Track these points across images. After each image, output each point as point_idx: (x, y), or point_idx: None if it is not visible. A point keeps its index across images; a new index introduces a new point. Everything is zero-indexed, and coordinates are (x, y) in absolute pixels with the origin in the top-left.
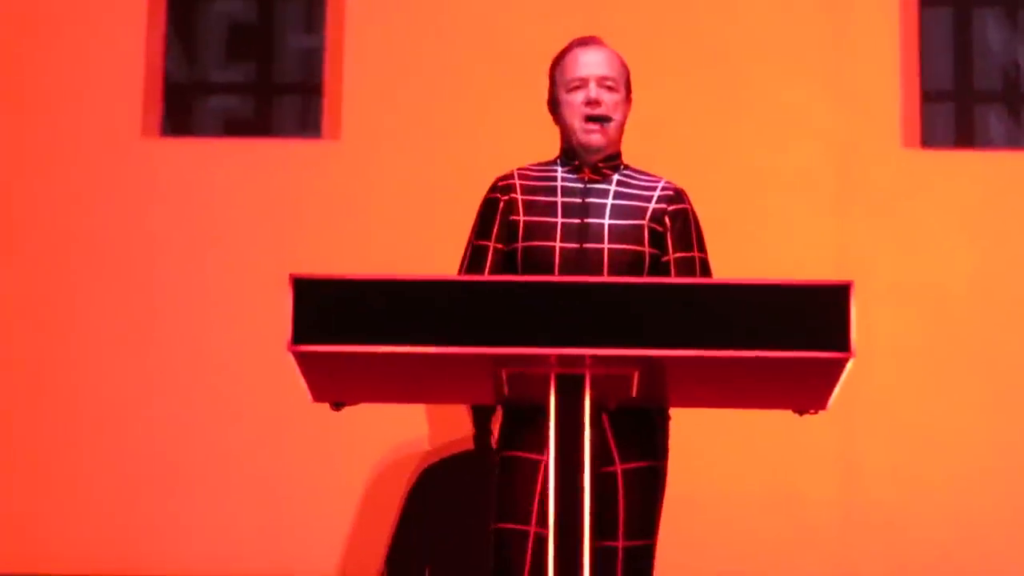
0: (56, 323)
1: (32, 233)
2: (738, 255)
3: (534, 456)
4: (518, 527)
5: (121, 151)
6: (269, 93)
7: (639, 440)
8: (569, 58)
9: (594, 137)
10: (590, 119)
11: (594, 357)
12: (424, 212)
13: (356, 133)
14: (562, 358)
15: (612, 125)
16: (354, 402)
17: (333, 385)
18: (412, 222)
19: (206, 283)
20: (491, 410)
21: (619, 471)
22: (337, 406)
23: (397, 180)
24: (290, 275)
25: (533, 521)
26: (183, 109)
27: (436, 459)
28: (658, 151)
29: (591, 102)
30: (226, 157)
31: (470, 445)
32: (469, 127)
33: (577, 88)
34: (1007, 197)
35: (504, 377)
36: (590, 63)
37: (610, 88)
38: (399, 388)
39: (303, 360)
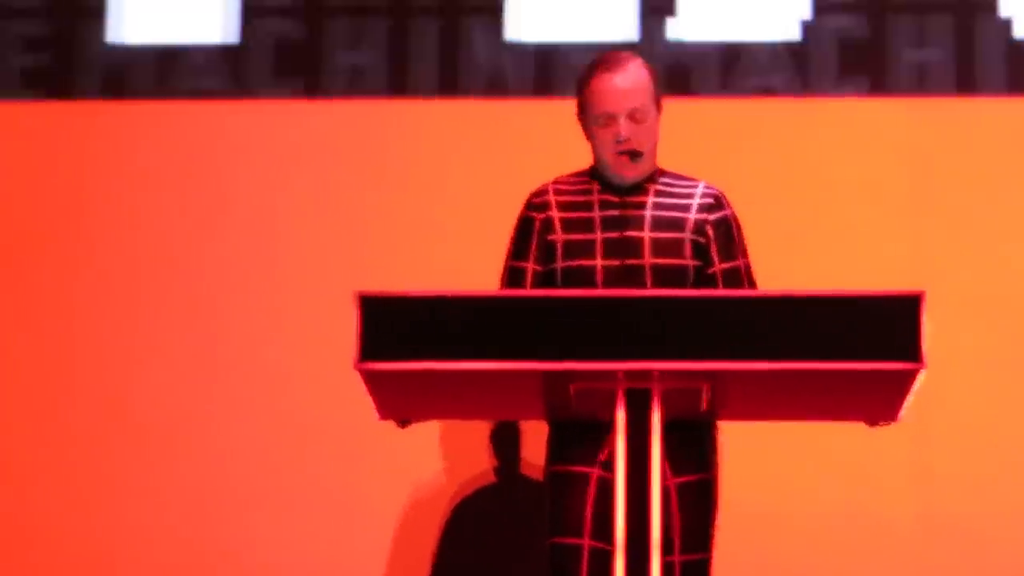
0: (119, 336)
1: (103, 242)
2: (814, 264)
3: (584, 469)
4: (572, 541)
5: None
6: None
7: (690, 453)
8: (595, 87)
9: (627, 171)
10: (621, 155)
11: (662, 371)
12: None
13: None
14: (630, 373)
15: (644, 157)
16: (420, 419)
17: (399, 403)
18: (479, 232)
19: (272, 296)
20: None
21: (672, 485)
22: (403, 423)
23: (465, 194)
24: (356, 293)
25: (587, 534)
26: None
27: (479, 478)
28: (731, 160)
29: (621, 140)
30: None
31: (513, 467)
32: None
33: (606, 124)
34: None
35: (572, 393)
36: (617, 95)
37: (639, 119)
38: (463, 405)
39: (370, 378)
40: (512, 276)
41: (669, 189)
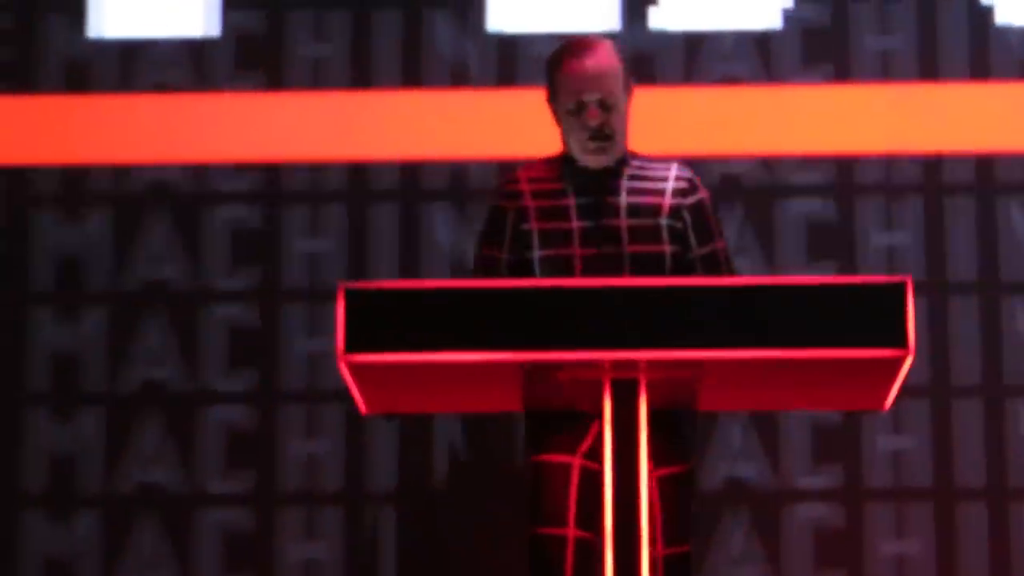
0: (98, 340)
1: None
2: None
3: (566, 459)
4: (557, 531)
5: None
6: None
7: (671, 444)
8: (565, 73)
9: (598, 157)
10: (592, 140)
11: (649, 361)
12: None
13: None
14: (616, 363)
15: (615, 142)
16: (406, 411)
17: (385, 396)
18: None
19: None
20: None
21: (653, 478)
22: (389, 417)
23: None
24: (340, 285)
25: (571, 524)
26: None
27: (453, 470)
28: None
29: (591, 127)
30: None
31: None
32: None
33: (576, 111)
34: None
35: (559, 383)
36: (587, 81)
37: (610, 105)
38: (451, 397)
39: (355, 371)
40: (485, 265)
41: (642, 173)
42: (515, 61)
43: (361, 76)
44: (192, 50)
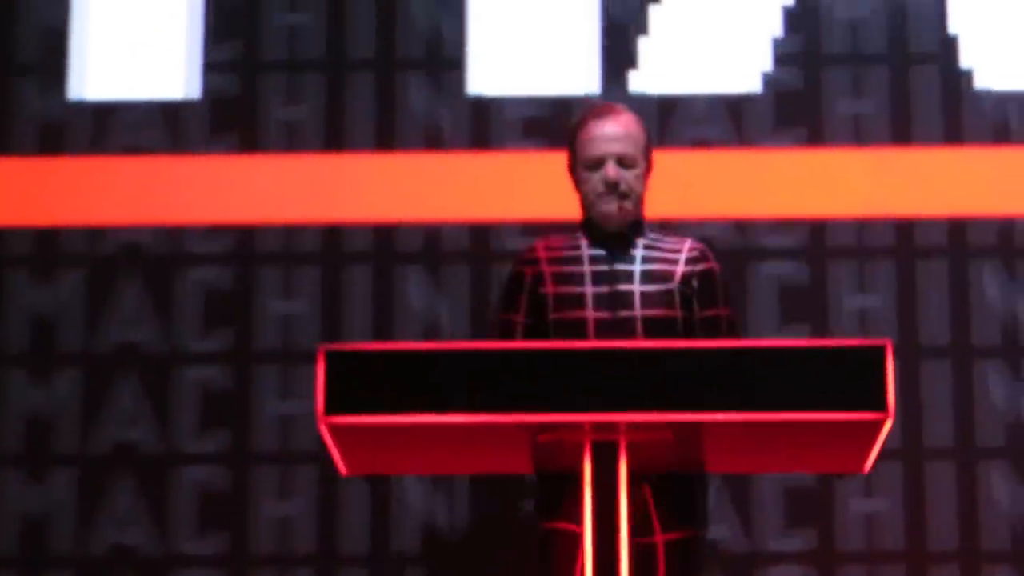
0: (69, 399)
1: None
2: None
3: (574, 528)
4: None
5: None
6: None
7: (680, 509)
8: (585, 133)
9: (613, 212)
10: (608, 193)
11: (629, 423)
12: None
13: None
14: (596, 425)
15: (631, 200)
16: (386, 473)
17: (365, 457)
18: None
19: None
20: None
21: (660, 542)
22: (369, 478)
23: None
24: (320, 347)
25: None
26: None
27: (464, 531)
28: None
29: (609, 183)
30: None
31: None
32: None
33: (594, 168)
34: None
35: (538, 445)
36: (606, 140)
37: (628, 165)
38: (432, 459)
39: (335, 433)
40: (502, 328)
41: (657, 244)
42: (489, 124)
43: (335, 139)
44: (167, 112)
